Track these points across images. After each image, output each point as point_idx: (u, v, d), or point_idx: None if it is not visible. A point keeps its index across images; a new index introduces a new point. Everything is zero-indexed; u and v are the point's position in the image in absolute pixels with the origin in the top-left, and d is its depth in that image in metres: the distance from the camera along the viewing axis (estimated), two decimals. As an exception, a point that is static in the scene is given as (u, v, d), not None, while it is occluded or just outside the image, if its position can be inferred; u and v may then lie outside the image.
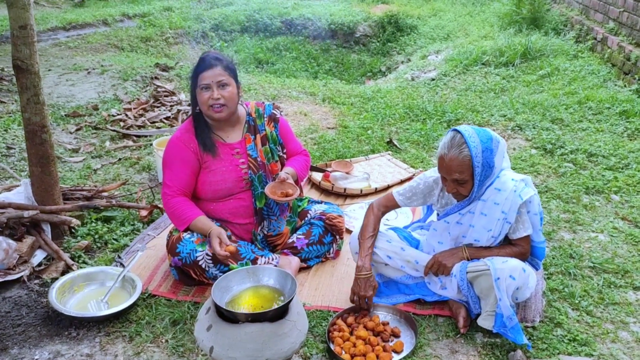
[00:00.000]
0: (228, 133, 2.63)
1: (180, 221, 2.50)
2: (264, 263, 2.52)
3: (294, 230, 2.79)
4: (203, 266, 2.46)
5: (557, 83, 5.62)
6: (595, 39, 6.29)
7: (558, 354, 2.16)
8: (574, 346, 2.21)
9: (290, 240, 2.73)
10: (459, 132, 2.15)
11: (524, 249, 2.30)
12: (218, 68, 2.46)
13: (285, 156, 2.76)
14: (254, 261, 2.51)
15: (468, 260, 2.31)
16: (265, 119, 2.70)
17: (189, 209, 2.52)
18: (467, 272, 2.25)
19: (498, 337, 2.23)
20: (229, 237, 2.55)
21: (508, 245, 2.33)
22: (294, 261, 2.63)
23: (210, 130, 2.58)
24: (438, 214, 2.50)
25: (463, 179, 2.16)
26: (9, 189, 3.09)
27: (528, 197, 2.19)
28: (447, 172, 2.17)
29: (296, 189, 2.55)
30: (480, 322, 2.23)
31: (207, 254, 2.46)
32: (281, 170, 2.68)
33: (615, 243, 2.96)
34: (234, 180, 2.57)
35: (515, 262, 2.18)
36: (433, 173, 2.40)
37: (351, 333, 2.24)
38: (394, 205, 2.50)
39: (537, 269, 2.40)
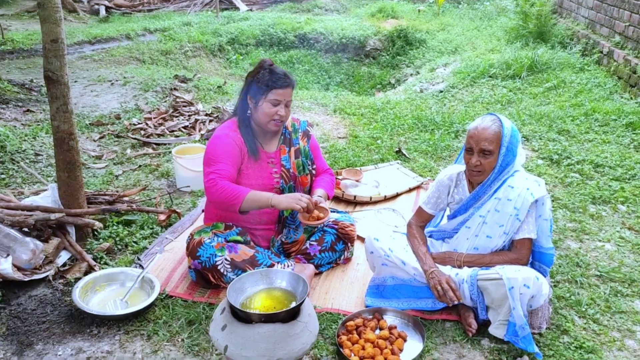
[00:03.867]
0: (267, 142, 2.69)
1: (233, 198, 2.45)
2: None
3: (308, 237, 2.86)
4: (222, 271, 2.51)
5: (563, 95, 5.67)
6: (601, 52, 6.35)
7: (565, 360, 2.18)
8: (580, 354, 2.22)
9: (303, 247, 2.78)
10: (494, 114, 2.32)
11: (520, 255, 2.32)
12: (290, 88, 2.55)
13: (314, 172, 2.82)
14: (271, 267, 2.55)
15: (460, 267, 2.37)
16: (300, 133, 2.78)
17: (238, 187, 2.50)
18: (477, 280, 2.28)
19: (505, 342, 2.25)
20: (247, 243, 2.62)
21: (503, 252, 2.37)
22: (309, 268, 2.67)
23: (254, 136, 2.64)
24: (449, 214, 2.56)
25: (490, 150, 2.26)
26: (36, 193, 3.18)
27: (540, 196, 2.26)
28: (476, 141, 2.28)
29: (328, 213, 2.60)
30: (492, 330, 2.26)
31: (225, 259, 2.51)
32: (310, 184, 2.77)
33: (622, 252, 2.98)
34: (265, 187, 2.62)
35: (528, 271, 2.20)
36: (444, 174, 2.52)
37: (360, 336, 2.27)
38: (428, 216, 2.61)
39: (544, 276, 2.41)
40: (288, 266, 2.61)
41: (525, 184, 2.30)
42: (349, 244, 2.88)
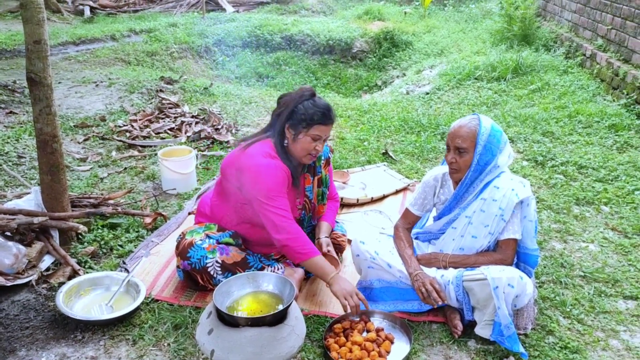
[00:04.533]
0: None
1: (299, 252, 2.36)
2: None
3: None
4: (212, 273, 2.48)
5: (547, 97, 5.74)
6: (584, 55, 6.44)
7: (550, 360, 2.20)
8: (565, 354, 2.24)
9: None
10: (476, 114, 2.36)
11: (505, 256, 2.34)
12: (332, 124, 2.48)
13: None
14: (261, 270, 2.54)
15: (446, 268, 2.39)
16: (323, 161, 2.69)
17: (309, 243, 2.40)
18: (463, 281, 2.29)
19: (491, 343, 2.26)
20: (239, 246, 2.60)
21: (488, 252, 2.39)
22: (298, 272, 2.66)
23: (295, 167, 2.51)
24: (436, 214, 2.58)
25: (464, 148, 2.29)
26: (19, 196, 3.13)
27: (524, 197, 2.28)
28: (452, 138, 2.33)
29: (338, 263, 2.57)
30: (478, 331, 2.27)
31: (216, 262, 2.48)
32: (322, 214, 2.73)
33: (605, 253, 3.02)
34: None
35: (512, 271, 2.22)
36: (429, 175, 2.55)
37: (347, 338, 2.27)
38: (414, 218, 2.61)
39: (529, 277, 2.43)
40: (278, 269, 2.60)
41: (510, 184, 2.32)
42: (339, 254, 2.88)
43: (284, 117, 2.45)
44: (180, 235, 2.62)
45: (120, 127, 4.88)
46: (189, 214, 3.36)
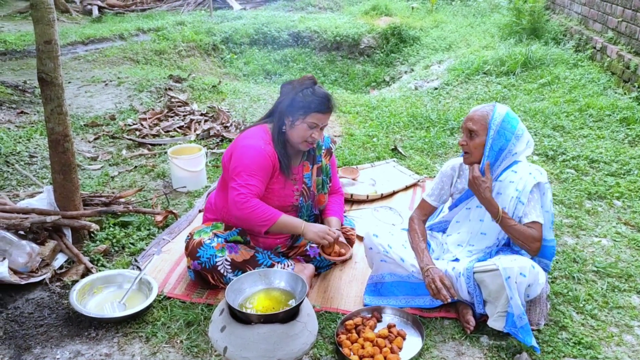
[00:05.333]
0: (292, 157, 2.62)
1: (264, 220, 2.40)
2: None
3: None
4: (222, 272, 2.49)
5: (557, 91, 5.70)
6: (594, 48, 6.37)
7: (563, 357, 2.18)
8: (579, 349, 2.23)
9: (303, 249, 2.77)
10: (495, 103, 2.36)
11: (537, 234, 2.27)
12: (330, 113, 2.48)
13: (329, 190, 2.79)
14: (271, 267, 2.53)
15: (498, 218, 2.30)
16: (323, 150, 2.70)
17: (270, 208, 2.43)
18: (474, 272, 2.28)
19: (504, 339, 2.26)
20: (248, 244, 2.61)
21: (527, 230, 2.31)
22: (309, 268, 2.66)
23: (287, 153, 2.54)
24: (450, 204, 2.58)
25: (475, 131, 2.30)
26: (32, 196, 3.16)
27: (542, 180, 2.29)
28: (466, 120, 2.35)
29: (349, 249, 2.57)
30: (491, 323, 2.26)
31: (226, 260, 2.49)
32: (324, 203, 2.75)
33: (618, 248, 3.00)
34: (284, 204, 2.58)
35: (523, 260, 2.20)
36: (447, 165, 2.56)
37: (359, 335, 2.28)
38: (431, 209, 2.61)
39: (546, 271, 2.43)
40: (288, 266, 2.60)
41: (528, 169, 2.33)
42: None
43: (285, 104, 2.48)
44: (188, 235, 2.63)
45: (130, 125, 4.90)
46: (200, 211, 3.37)
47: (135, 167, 4.13)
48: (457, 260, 2.47)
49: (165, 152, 4.17)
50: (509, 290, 2.14)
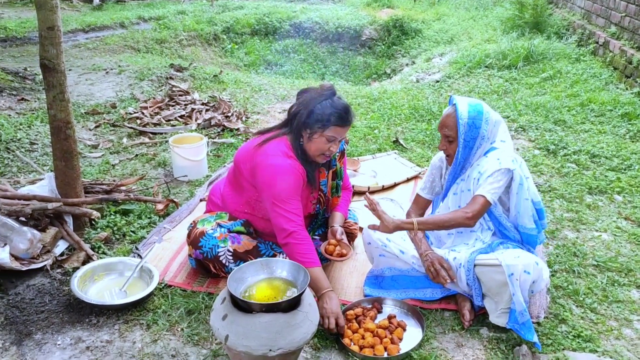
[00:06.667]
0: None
1: (304, 259, 2.34)
2: None
3: (313, 232, 2.82)
4: (223, 262, 2.49)
5: (559, 86, 5.69)
6: (597, 43, 6.36)
7: (563, 349, 2.19)
8: (578, 342, 2.24)
9: None
10: (451, 98, 2.37)
11: (470, 209, 2.21)
12: (349, 126, 2.43)
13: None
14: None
15: (415, 232, 2.32)
16: (338, 154, 2.64)
17: (313, 251, 2.39)
18: (475, 265, 2.27)
19: (504, 331, 2.26)
20: (251, 235, 2.60)
21: (453, 211, 2.32)
22: None
23: (312, 166, 2.48)
24: (441, 193, 2.59)
25: (452, 136, 2.32)
26: (33, 182, 3.16)
27: (509, 166, 2.25)
28: (440, 128, 2.37)
29: (350, 249, 2.55)
30: (494, 319, 2.26)
31: (228, 250, 2.48)
32: (336, 205, 2.72)
33: (618, 242, 3.01)
34: (303, 214, 2.51)
35: (527, 257, 2.19)
36: (435, 157, 2.58)
37: (359, 325, 2.29)
38: (425, 202, 2.62)
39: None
40: (290, 257, 2.60)
41: (498, 155, 2.31)
42: (351, 242, 2.89)
43: (303, 116, 2.39)
44: (191, 224, 2.62)
45: (130, 114, 4.89)
46: (201, 200, 3.37)
47: (136, 155, 4.12)
48: (455, 250, 2.47)
49: (166, 141, 4.16)
50: (511, 287, 2.14)
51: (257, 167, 2.40)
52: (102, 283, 2.56)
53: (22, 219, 2.72)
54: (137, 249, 2.81)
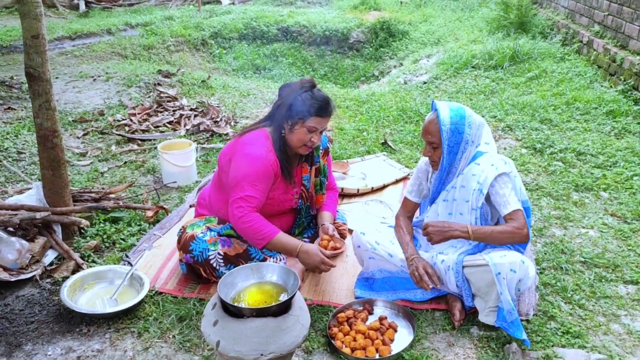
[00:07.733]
0: (292, 160, 2.61)
1: (260, 237, 2.42)
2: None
3: (300, 233, 2.85)
4: (214, 265, 2.49)
5: (545, 85, 5.74)
6: (581, 42, 6.43)
7: (552, 346, 2.21)
8: (567, 338, 2.26)
9: None
10: (434, 104, 2.37)
11: (519, 224, 2.22)
12: (330, 117, 2.46)
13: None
14: (263, 261, 2.54)
15: (469, 238, 2.27)
16: (321, 151, 2.69)
17: (267, 225, 2.44)
18: (463, 267, 2.29)
19: (494, 330, 2.28)
20: (241, 238, 2.59)
21: (504, 224, 2.30)
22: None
23: (288, 159, 2.53)
24: (430, 199, 2.59)
25: (435, 142, 2.32)
26: (20, 192, 3.14)
27: (504, 170, 2.28)
28: (424, 134, 2.37)
29: (343, 244, 2.60)
30: (482, 318, 2.27)
31: (218, 254, 2.49)
32: (321, 203, 2.76)
33: (605, 238, 3.04)
34: (283, 208, 2.58)
35: (513, 256, 2.20)
36: (422, 160, 2.57)
37: (351, 327, 2.29)
38: (413, 205, 2.62)
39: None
40: (280, 260, 2.61)
41: (490, 160, 2.33)
42: None
43: (284, 108, 2.45)
44: (180, 229, 2.62)
45: (119, 121, 4.87)
46: (190, 206, 3.36)
47: (125, 162, 4.10)
48: (442, 252, 2.48)
49: (155, 148, 4.15)
50: (499, 286, 2.16)
51: (234, 156, 2.47)
52: (92, 292, 2.54)
53: (10, 229, 2.70)
54: (127, 256, 2.80)
